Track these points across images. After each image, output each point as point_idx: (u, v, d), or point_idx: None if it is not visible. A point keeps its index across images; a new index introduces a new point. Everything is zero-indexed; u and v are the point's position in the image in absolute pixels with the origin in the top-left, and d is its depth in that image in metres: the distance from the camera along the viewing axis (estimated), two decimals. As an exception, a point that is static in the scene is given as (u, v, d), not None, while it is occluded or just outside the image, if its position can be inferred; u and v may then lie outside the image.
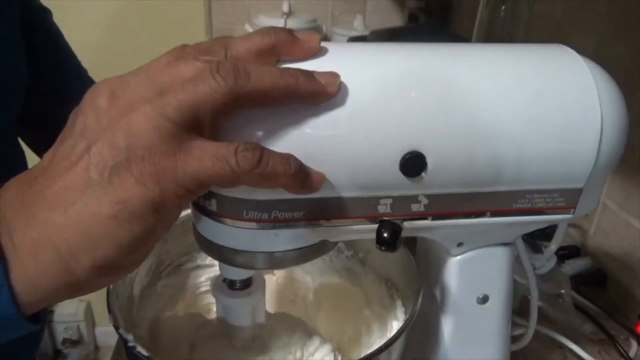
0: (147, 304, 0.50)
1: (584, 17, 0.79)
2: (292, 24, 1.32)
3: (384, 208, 0.35)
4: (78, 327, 1.72)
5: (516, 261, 0.47)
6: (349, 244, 0.55)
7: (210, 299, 0.53)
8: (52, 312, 1.68)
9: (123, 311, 0.42)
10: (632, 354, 0.63)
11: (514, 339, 0.57)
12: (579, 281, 0.72)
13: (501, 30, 0.72)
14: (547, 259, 0.59)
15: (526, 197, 0.37)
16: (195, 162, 0.27)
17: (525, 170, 0.36)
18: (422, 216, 0.36)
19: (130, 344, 0.37)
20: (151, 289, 0.51)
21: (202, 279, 0.55)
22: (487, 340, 0.48)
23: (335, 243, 0.39)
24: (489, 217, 0.37)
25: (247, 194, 0.32)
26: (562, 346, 0.64)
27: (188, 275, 0.54)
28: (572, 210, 0.39)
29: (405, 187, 0.34)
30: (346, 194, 0.33)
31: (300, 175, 0.30)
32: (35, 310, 0.28)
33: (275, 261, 0.36)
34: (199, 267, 0.54)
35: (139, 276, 0.49)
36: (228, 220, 0.33)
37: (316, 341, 0.48)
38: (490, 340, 0.48)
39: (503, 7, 0.71)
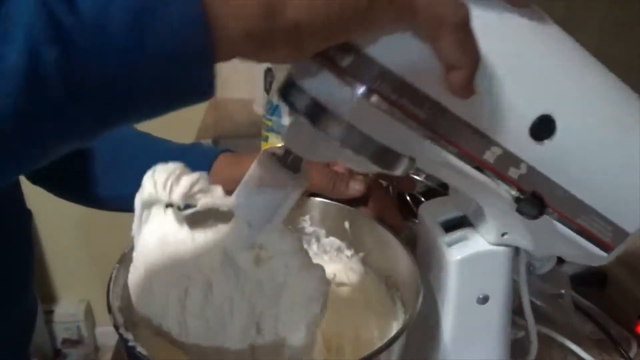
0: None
1: (584, 17, 0.79)
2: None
3: (489, 155, 0.35)
4: (78, 327, 1.72)
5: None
6: (349, 244, 0.55)
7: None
8: (51, 312, 1.68)
9: (123, 311, 0.42)
10: (632, 354, 0.63)
11: (521, 348, 0.56)
12: (579, 281, 0.72)
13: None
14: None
15: (590, 215, 0.38)
16: None
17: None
18: (510, 183, 0.36)
19: (130, 344, 0.37)
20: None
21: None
22: (487, 340, 0.48)
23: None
24: (556, 217, 0.38)
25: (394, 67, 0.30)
26: (562, 346, 0.64)
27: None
28: (610, 250, 0.40)
29: (521, 146, 0.35)
30: (474, 122, 0.33)
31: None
32: (218, 44, 0.26)
33: (355, 141, 0.32)
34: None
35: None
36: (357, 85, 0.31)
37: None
38: (490, 340, 0.48)
39: (503, 7, 0.71)
